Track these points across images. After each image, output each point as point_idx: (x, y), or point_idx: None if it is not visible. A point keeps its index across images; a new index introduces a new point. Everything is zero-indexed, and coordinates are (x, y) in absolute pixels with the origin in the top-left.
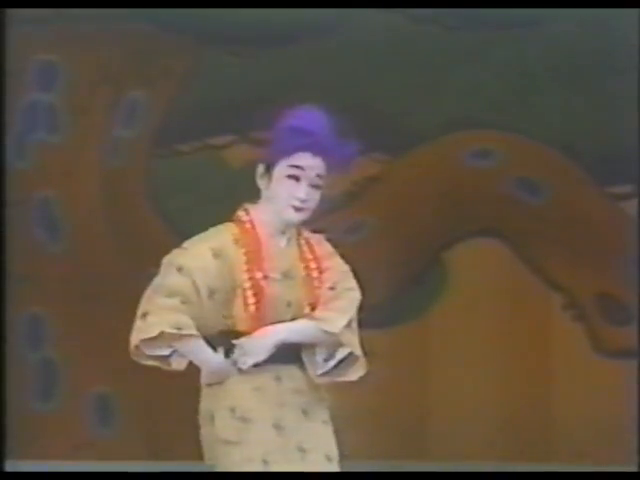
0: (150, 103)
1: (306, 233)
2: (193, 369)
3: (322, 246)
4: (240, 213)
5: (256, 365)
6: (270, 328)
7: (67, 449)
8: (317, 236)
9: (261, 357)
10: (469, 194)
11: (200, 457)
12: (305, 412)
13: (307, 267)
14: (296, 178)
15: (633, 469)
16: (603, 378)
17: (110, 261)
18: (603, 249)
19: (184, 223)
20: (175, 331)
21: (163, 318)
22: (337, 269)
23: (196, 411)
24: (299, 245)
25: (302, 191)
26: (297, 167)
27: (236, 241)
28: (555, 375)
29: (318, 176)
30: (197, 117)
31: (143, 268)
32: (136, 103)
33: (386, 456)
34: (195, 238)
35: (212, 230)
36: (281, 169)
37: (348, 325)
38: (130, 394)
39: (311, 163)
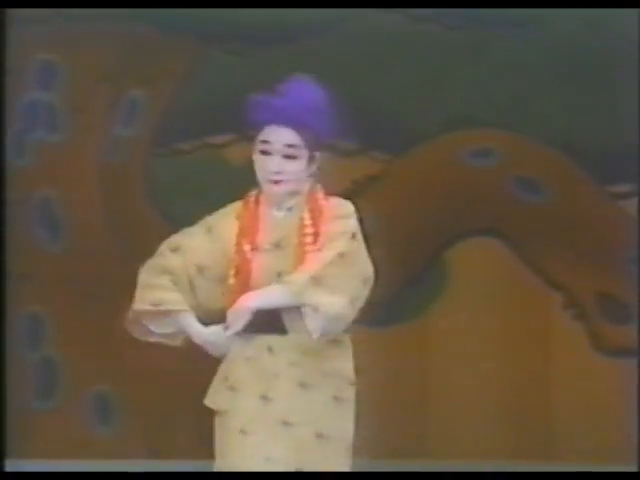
0: (150, 102)
1: (325, 199)
2: (192, 369)
3: (335, 209)
4: (252, 192)
5: (243, 335)
6: (244, 296)
7: (67, 448)
8: (338, 200)
9: (238, 326)
10: (469, 193)
11: (199, 456)
12: (303, 385)
13: (302, 234)
14: (266, 153)
15: (633, 469)
16: (603, 377)
17: (110, 261)
18: (603, 248)
19: (184, 222)
20: (151, 308)
21: (144, 297)
22: (335, 230)
23: (195, 410)
24: (302, 212)
25: (274, 164)
26: (265, 142)
27: (238, 217)
28: (555, 374)
29: (289, 146)
30: (197, 116)
31: None
32: (136, 102)
33: (385, 455)
34: (203, 219)
35: (220, 210)
36: (255, 146)
37: (315, 282)
38: (129, 393)
39: (278, 136)
